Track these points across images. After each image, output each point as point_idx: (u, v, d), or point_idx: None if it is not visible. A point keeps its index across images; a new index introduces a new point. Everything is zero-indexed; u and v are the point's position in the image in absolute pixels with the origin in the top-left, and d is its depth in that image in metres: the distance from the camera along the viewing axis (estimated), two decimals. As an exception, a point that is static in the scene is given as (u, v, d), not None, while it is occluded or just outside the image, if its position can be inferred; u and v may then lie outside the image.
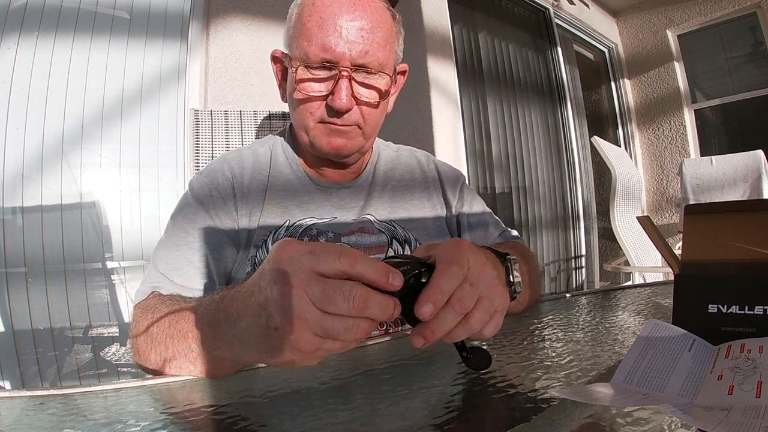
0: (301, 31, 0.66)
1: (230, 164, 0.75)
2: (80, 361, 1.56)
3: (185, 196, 0.74)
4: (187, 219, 0.70)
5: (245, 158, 0.77)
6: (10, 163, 1.46)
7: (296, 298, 0.33)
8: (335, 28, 0.64)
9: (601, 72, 4.32)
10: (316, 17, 0.65)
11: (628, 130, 4.20)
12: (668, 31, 3.97)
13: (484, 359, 0.43)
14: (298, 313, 0.33)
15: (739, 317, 0.41)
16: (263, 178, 0.75)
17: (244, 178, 0.74)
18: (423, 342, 0.37)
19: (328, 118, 0.68)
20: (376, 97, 0.69)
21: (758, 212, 0.47)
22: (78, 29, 1.61)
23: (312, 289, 0.33)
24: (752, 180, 2.46)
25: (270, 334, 0.35)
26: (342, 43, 0.64)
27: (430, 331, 0.37)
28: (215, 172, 0.74)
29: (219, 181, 0.73)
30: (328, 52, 0.64)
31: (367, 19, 0.65)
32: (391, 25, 0.70)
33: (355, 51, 0.65)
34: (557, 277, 3.37)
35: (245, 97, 1.83)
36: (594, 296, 0.83)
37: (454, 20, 2.72)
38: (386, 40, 0.68)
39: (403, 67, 0.77)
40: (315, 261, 0.33)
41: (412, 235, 0.76)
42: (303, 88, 0.67)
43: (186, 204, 0.72)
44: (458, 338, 0.39)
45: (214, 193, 0.72)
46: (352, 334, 0.34)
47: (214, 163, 0.77)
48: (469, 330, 0.38)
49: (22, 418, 0.37)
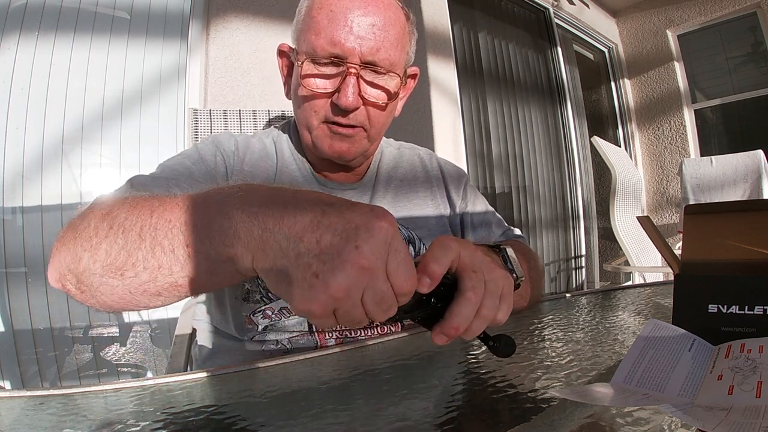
0: (310, 24, 0.64)
1: (236, 139, 0.74)
2: (80, 361, 1.56)
3: (186, 150, 0.71)
4: (186, 159, 0.67)
5: (252, 144, 0.75)
6: (10, 163, 1.46)
7: (359, 274, 0.31)
8: (346, 23, 0.62)
9: (601, 72, 4.32)
10: (326, 10, 0.63)
11: (628, 130, 4.20)
12: (668, 31, 3.97)
13: (509, 344, 0.42)
14: (347, 287, 0.30)
15: (739, 317, 0.41)
16: (269, 167, 0.73)
17: (247, 156, 0.72)
18: (446, 340, 0.37)
19: (333, 117, 0.65)
20: (384, 98, 0.67)
21: (758, 212, 0.47)
22: (78, 29, 1.61)
23: (378, 283, 0.32)
24: (752, 180, 2.46)
25: (301, 269, 0.31)
26: (352, 38, 0.62)
27: (454, 328, 0.36)
28: (221, 137, 0.73)
29: (225, 145, 0.71)
30: (337, 46, 0.62)
31: (379, 16, 0.63)
32: (404, 24, 0.68)
33: (365, 47, 0.62)
34: (557, 277, 3.37)
35: (245, 97, 1.83)
36: (594, 296, 0.83)
37: (454, 20, 2.72)
38: (398, 39, 0.66)
39: (414, 70, 0.74)
40: (394, 264, 0.32)
41: (415, 234, 0.75)
42: (308, 84, 0.64)
43: (187, 152, 0.70)
44: (477, 332, 0.38)
45: (218, 149, 0.70)
46: (352, 323, 0.34)
47: (220, 135, 0.75)
48: (483, 320, 0.38)
49: (22, 418, 0.37)
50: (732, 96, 3.74)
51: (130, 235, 0.37)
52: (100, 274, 0.38)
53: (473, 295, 0.37)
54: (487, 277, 0.38)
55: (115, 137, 1.65)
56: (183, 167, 0.65)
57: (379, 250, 0.31)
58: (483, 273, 0.38)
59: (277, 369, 0.49)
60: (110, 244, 0.38)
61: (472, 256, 0.38)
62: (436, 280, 0.35)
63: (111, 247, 0.38)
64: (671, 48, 3.96)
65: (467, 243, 0.40)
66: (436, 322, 0.37)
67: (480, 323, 0.38)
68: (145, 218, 0.38)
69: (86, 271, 0.39)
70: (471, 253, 0.38)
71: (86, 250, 0.39)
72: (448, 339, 0.37)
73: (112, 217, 0.39)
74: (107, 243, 0.38)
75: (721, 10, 3.65)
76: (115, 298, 0.39)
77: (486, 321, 0.38)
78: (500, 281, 0.39)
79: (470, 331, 0.38)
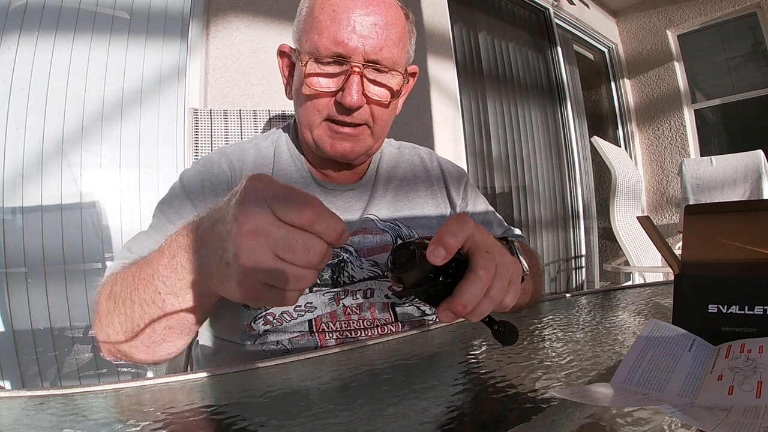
0: (313, 25, 0.64)
1: (229, 158, 0.72)
2: (80, 361, 1.56)
3: (174, 187, 0.71)
4: (173, 208, 0.67)
5: (246, 152, 0.74)
6: (10, 163, 1.46)
7: (253, 240, 0.33)
8: (348, 22, 0.62)
9: (601, 72, 4.32)
10: (328, 10, 0.63)
11: (628, 130, 4.20)
12: (668, 31, 3.97)
13: (513, 332, 0.42)
14: (250, 256, 0.33)
15: (739, 317, 0.41)
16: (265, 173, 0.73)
17: (244, 172, 0.71)
18: (452, 317, 0.37)
19: (337, 116, 0.65)
20: (387, 96, 0.67)
21: (758, 212, 0.47)
22: (78, 29, 1.61)
23: (273, 234, 0.33)
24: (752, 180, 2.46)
25: (221, 266, 0.36)
26: (355, 37, 0.62)
27: (461, 305, 0.36)
28: (210, 163, 0.71)
29: (214, 173, 0.70)
30: (341, 45, 0.62)
31: (381, 15, 0.64)
32: (405, 23, 0.69)
33: (368, 46, 0.63)
34: (557, 277, 3.37)
35: (245, 97, 1.83)
36: (594, 296, 0.83)
37: (454, 20, 2.72)
38: (400, 38, 0.67)
39: (413, 69, 0.75)
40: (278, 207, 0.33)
41: (416, 234, 0.75)
42: (311, 83, 0.64)
43: (174, 194, 0.69)
44: (484, 313, 0.38)
45: (206, 185, 0.68)
46: (301, 284, 0.34)
47: (210, 155, 0.74)
48: (492, 301, 0.37)
49: (22, 418, 0.37)
50: (732, 96, 3.74)
51: (126, 303, 0.45)
52: (126, 342, 0.46)
53: (485, 274, 0.36)
54: (499, 260, 0.38)
55: (115, 137, 1.65)
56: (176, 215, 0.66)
57: (254, 208, 0.33)
58: (495, 255, 0.38)
59: (277, 369, 0.49)
60: (119, 316, 0.46)
61: (485, 237, 0.38)
62: (450, 252, 0.35)
63: (120, 319, 0.46)
64: (671, 48, 3.96)
65: (481, 225, 0.40)
66: (443, 300, 0.37)
67: (488, 304, 0.37)
68: (130, 283, 0.46)
69: (118, 344, 0.47)
70: (485, 235, 0.39)
71: (108, 327, 0.48)
72: (454, 317, 0.36)
73: (114, 294, 0.47)
74: (117, 317, 0.46)
75: (721, 10, 3.65)
76: (151, 353, 0.48)
77: (494, 303, 0.38)
78: (510, 266, 0.39)
79: (477, 312, 0.37)
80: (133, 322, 0.45)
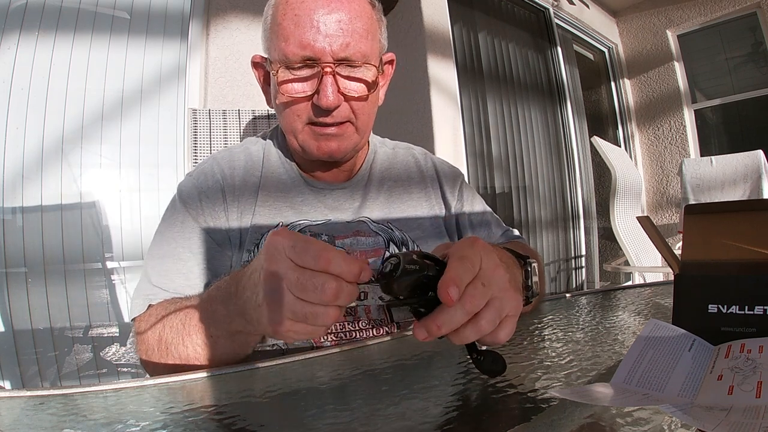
0: (278, 32, 0.64)
1: (220, 164, 0.73)
2: (80, 361, 1.56)
3: (174, 202, 0.72)
4: (176, 227, 0.68)
5: (236, 157, 0.75)
6: (10, 163, 1.46)
7: (275, 283, 0.38)
8: (312, 24, 0.62)
9: (601, 72, 4.32)
10: (291, 15, 0.62)
11: (628, 130, 4.20)
12: (668, 31, 3.97)
13: (497, 363, 0.41)
14: (274, 297, 0.38)
15: (739, 317, 0.41)
16: (255, 178, 0.73)
17: (234, 178, 0.72)
18: (426, 336, 0.36)
19: (317, 118, 0.65)
20: (364, 90, 0.66)
21: (758, 212, 0.47)
22: (78, 29, 1.61)
23: (289, 277, 0.37)
24: (752, 180, 2.46)
25: (256, 308, 0.42)
26: (321, 38, 0.62)
27: (436, 326, 0.36)
28: (204, 175, 0.72)
29: (209, 184, 0.71)
30: (308, 49, 0.62)
31: (344, 11, 0.63)
32: (371, 13, 0.68)
33: (335, 45, 0.62)
34: (557, 277, 3.37)
35: (245, 97, 1.83)
36: (594, 296, 0.83)
37: (454, 20, 2.72)
38: (367, 30, 0.65)
39: (389, 57, 0.74)
40: (295, 256, 0.37)
41: (409, 236, 0.75)
42: (286, 90, 0.64)
43: (175, 211, 0.70)
44: (468, 339, 0.38)
45: (203, 198, 0.70)
46: (321, 320, 0.37)
47: (203, 164, 0.75)
48: (478, 331, 0.37)
49: (22, 418, 0.37)
50: (732, 96, 3.74)
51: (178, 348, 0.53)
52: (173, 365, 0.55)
53: (468, 301, 0.36)
54: (496, 294, 0.38)
55: (115, 137, 1.65)
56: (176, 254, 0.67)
57: (275, 256, 0.38)
58: (492, 289, 0.38)
59: (277, 369, 0.49)
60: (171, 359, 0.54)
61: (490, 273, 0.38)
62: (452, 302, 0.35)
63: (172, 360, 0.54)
64: (671, 48, 3.96)
65: (491, 255, 0.40)
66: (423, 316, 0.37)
67: (473, 331, 0.37)
68: (180, 330, 0.54)
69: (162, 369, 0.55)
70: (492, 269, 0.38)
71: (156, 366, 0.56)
72: (427, 336, 0.36)
73: (166, 342, 0.55)
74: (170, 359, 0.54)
75: (721, 10, 3.65)
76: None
77: (480, 332, 0.37)
78: (507, 303, 0.38)
79: (459, 337, 0.37)
80: (187, 359, 0.53)
